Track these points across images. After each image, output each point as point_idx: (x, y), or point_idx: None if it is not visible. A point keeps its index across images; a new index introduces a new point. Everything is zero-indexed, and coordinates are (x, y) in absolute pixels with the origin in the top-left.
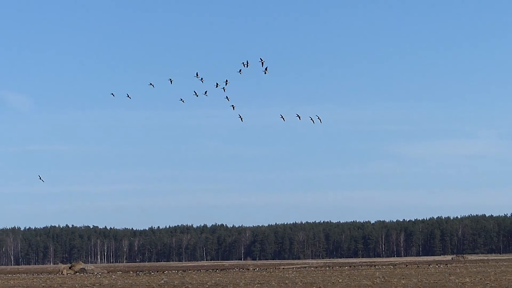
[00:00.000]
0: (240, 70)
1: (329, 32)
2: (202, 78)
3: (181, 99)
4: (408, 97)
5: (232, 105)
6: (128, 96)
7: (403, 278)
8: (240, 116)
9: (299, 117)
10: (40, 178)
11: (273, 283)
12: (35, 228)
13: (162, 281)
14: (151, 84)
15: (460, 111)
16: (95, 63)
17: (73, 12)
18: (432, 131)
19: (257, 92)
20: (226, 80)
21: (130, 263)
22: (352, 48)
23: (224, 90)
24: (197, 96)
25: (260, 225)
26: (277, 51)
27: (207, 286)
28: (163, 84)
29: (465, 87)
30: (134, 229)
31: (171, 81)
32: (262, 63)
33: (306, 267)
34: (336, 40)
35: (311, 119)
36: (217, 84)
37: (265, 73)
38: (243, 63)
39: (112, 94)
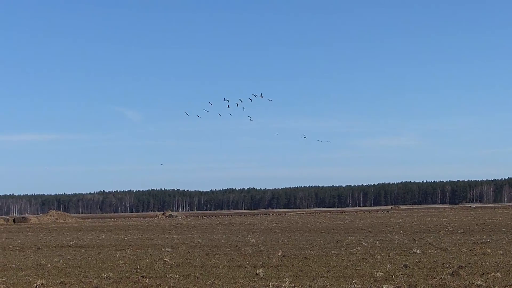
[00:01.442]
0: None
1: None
2: (227, 100)
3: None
4: (366, 111)
5: (249, 117)
6: (207, 109)
7: (362, 220)
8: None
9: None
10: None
11: (284, 222)
12: (142, 190)
13: (218, 222)
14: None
15: (393, 118)
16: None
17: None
18: (378, 131)
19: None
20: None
21: (198, 211)
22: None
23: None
24: (217, 114)
25: (277, 188)
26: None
27: (245, 224)
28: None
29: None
30: (201, 190)
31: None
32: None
33: (303, 213)
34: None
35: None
36: (238, 102)
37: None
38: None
39: (186, 113)
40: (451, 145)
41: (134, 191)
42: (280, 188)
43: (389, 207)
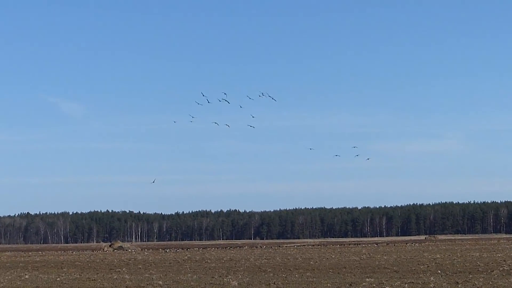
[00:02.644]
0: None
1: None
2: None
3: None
4: (390, 105)
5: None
6: (227, 125)
7: (385, 255)
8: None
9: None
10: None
11: (278, 258)
12: (81, 212)
13: (186, 257)
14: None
15: (430, 117)
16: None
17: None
18: (407, 133)
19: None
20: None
21: (159, 242)
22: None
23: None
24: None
25: (267, 210)
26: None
27: (223, 260)
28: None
29: (434, 98)
30: (163, 213)
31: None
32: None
33: (304, 245)
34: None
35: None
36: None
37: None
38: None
39: (215, 123)
40: (509, 151)
41: (70, 213)
42: (272, 210)
43: (423, 237)
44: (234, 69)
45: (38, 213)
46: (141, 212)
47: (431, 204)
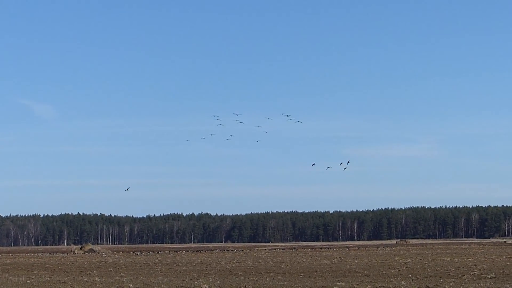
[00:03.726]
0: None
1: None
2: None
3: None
4: (359, 110)
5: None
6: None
7: (356, 259)
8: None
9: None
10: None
11: (249, 261)
12: (52, 215)
13: (157, 260)
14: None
15: (402, 121)
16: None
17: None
18: (379, 137)
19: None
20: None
21: (130, 245)
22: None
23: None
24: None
25: (239, 214)
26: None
27: (194, 264)
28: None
29: (407, 102)
30: (134, 216)
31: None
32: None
33: (276, 249)
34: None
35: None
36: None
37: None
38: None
39: (211, 133)
40: (482, 156)
41: (41, 216)
42: (243, 214)
43: (394, 241)
44: (204, 70)
45: (8, 215)
46: (112, 215)
47: (402, 208)
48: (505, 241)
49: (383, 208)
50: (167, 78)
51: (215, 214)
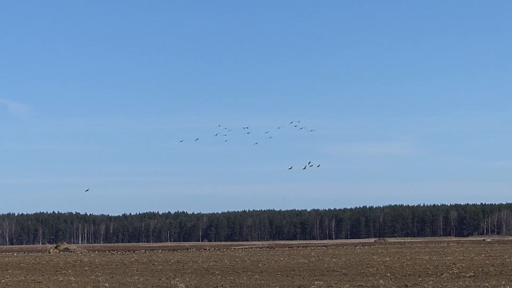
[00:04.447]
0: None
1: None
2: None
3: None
4: (336, 107)
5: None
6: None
7: (334, 257)
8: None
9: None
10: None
11: (226, 260)
12: (27, 213)
13: (133, 259)
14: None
15: (380, 120)
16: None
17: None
18: (356, 135)
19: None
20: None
21: (106, 244)
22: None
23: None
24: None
25: (215, 212)
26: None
27: (171, 263)
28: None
29: (384, 100)
30: (110, 215)
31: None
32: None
33: (253, 247)
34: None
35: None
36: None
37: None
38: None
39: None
40: (460, 154)
41: (16, 214)
42: (220, 212)
43: (372, 239)
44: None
45: None
46: (88, 214)
47: (381, 206)
48: (484, 239)
49: (361, 206)
50: (145, 75)
51: (191, 213)
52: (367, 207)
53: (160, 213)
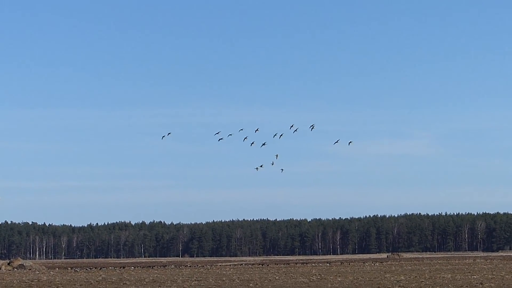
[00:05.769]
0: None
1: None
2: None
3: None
4: (343, 101)
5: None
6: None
7: (339, 276)
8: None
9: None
10: None
11: (211, 279)
12: None
13: (100, 278)
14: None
15: (395, 113)
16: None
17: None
18: (367, 132)
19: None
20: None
21: (68, 260)
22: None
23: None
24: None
25: (198, 222)
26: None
27: (145, 282)
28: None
29: (400, 90)
30: (73, 225)
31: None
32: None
33: (243, 264)
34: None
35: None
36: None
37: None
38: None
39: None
40: (489, 154)
41: None
42: (204, 222)
43: (385, 255)
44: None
45: None
46: (47, 224)
47: (394, 216)
48: None
49: (371, 215)
50: (104, 67)
51: (170, 223)
52: (378, 216)
53: (133, 223)
